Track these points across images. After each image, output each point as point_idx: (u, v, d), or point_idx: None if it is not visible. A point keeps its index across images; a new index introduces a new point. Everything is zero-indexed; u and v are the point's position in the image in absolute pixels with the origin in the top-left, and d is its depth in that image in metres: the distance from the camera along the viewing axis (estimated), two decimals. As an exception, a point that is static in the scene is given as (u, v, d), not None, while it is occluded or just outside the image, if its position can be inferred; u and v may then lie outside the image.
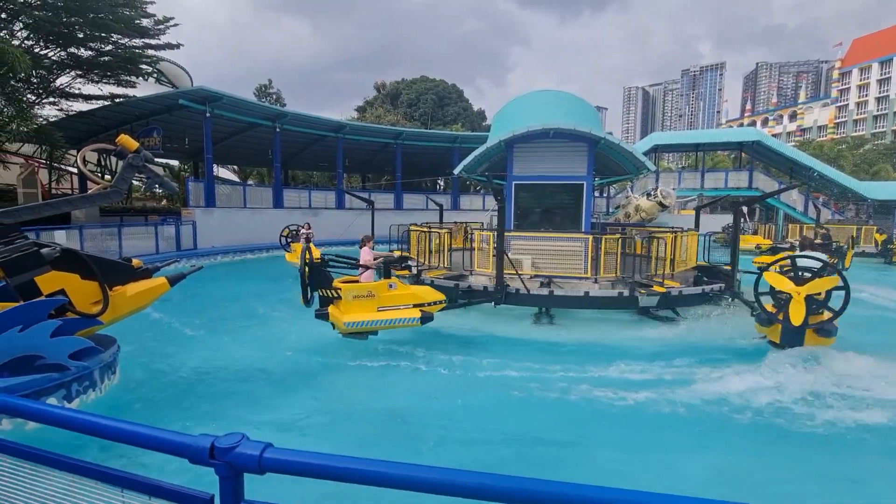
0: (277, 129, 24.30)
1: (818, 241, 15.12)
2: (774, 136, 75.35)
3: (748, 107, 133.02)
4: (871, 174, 44.43)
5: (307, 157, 33.08)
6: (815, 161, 30.45)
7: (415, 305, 7.75)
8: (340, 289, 7.38)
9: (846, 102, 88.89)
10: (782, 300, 7.11)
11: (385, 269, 8.32)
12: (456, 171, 13.13)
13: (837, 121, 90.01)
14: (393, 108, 51.84)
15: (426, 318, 7.77)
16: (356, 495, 2.89)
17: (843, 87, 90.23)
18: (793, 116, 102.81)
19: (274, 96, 46.82)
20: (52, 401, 5.11)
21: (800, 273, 7.02)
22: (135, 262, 6.60)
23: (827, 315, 7.06)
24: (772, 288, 7.25)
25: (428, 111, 51.56)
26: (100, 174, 27.54)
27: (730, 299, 10.39)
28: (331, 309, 7.56)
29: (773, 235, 28.32)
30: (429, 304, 7.92)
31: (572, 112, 12.50)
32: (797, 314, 6.85)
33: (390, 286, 7.73)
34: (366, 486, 1.11)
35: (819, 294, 6.92)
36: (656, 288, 9.65)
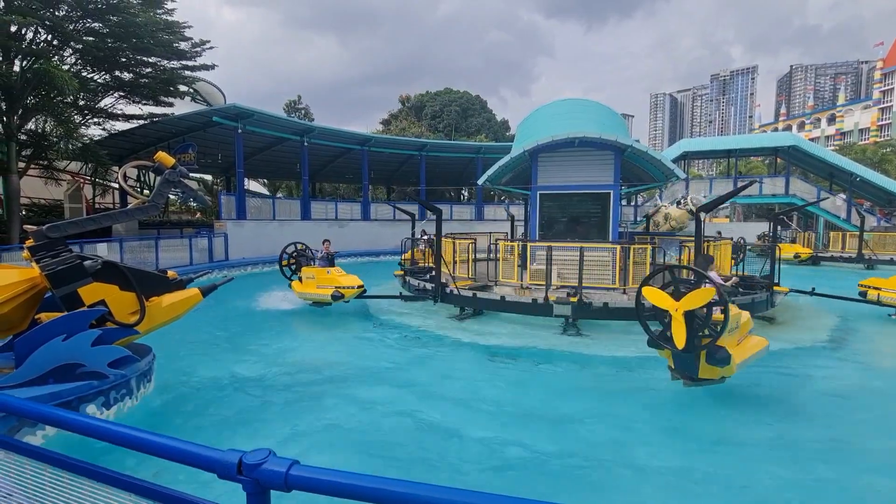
0: (305, 143, 24.94)
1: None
2: (811, 140, 72.43)
3: (783, 111, 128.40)
4: (920, 178, 42.05)
5: (334, 169, 33.78)
6: (857, 165, 29.07)
7: (749, 332, 6.59)
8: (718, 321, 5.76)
9: (890, 104, 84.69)
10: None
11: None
12: (480, 182, 13.13)
13: (880, 123, 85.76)
14: (417, 121, 52.47)
15: (768, 346, 6.47)
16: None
17: (886, 87, 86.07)
18: (831, 119, 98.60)
19: (303, 111, 48.14)
20: (91, 408, 5.30)
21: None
22: (170, 273, 6.84)
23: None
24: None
25: (452, 122, 51.95)
26: (139, 189, 28.82)
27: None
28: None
29: (813, 244, 27.05)
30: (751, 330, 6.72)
31: (598, 120, 12.37)
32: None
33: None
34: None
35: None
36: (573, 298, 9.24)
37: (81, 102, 19.69)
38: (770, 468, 4.55)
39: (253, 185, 40.34)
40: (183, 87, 22.53)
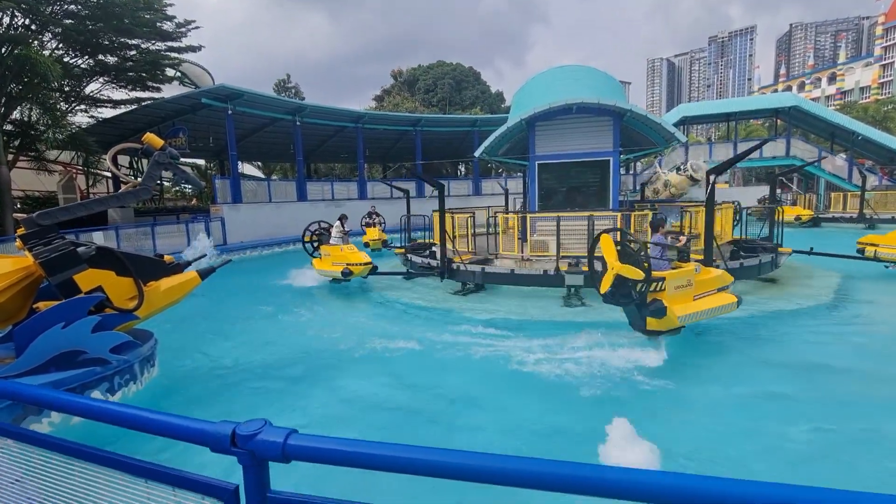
0: (298, 123, 24.49)
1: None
2: (812, 100, 71.24)
3: (783, 71, 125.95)
4: (922, 135, 41.51)
5: (328, 149, 33.30)
6: (859, 124, 28.62)
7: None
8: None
9: (891, 60, 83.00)
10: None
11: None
12: (477, 154, 12.91)
13: (882, 80, 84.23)
14: (411, 96, 51.50)
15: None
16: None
17: (888, 43, 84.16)
18: (832, 78, 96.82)
19: (293, 90, 47.21)
20: (95, 394, 5.30)
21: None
22: (166, 257, 6.76)
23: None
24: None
25: (446, 96, 51.00)
26: (133, 176, 28.49)
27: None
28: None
29: (814, 206, 26.89)
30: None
31: (595, 86, 12.07)
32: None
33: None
34: (394, 473, 1.03)
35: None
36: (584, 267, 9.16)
37: (67, 89, 19.23)
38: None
39: (247, 169, 39.86)
40: (170, 71, 21.98)
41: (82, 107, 21.26)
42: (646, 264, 6.24)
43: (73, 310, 5.30)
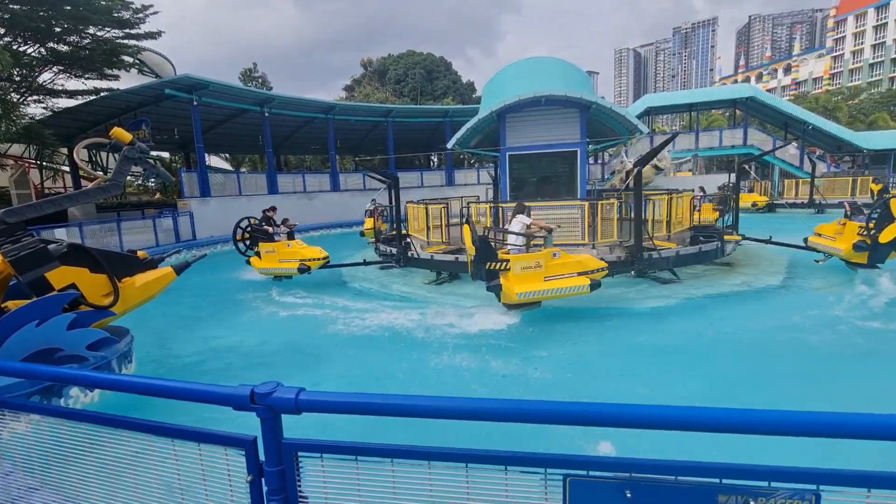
0: (266, 114, 24.03)
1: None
2: (769, 91, 74.18)
3: (742, 63, 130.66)
4: (868, 124, 44.05)
5: (298, 140, 32.78)
6: (810, 114, 30.23)
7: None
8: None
9: (842, 52, 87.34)
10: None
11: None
12: (449, 146, 13.10)
13: (833, 71, 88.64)
14: (381, 86, 51.01)
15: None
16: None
17: (839, 35, 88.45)
18: (787, 70, 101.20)
19: (260, 80, 45.97)
20: (74, 390, 5.31)
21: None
22: (140, 253, 6.73)
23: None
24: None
25: (417, 86, 50.74)
26: (94, 170, 27.33)
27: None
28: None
29: (769, 192, 28.35)
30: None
31: (563, 78, 12.41)
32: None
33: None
34: (389, 416, 1.28)
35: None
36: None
37: (17, 78, 18.28)
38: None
39: (214, 161, 38.77)
40: (128, 59, 21.11)
41: (35, 97, 20.23)
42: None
43: (47, 308, 5.27)
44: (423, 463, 1.29)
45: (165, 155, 35.12)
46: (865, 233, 9.26)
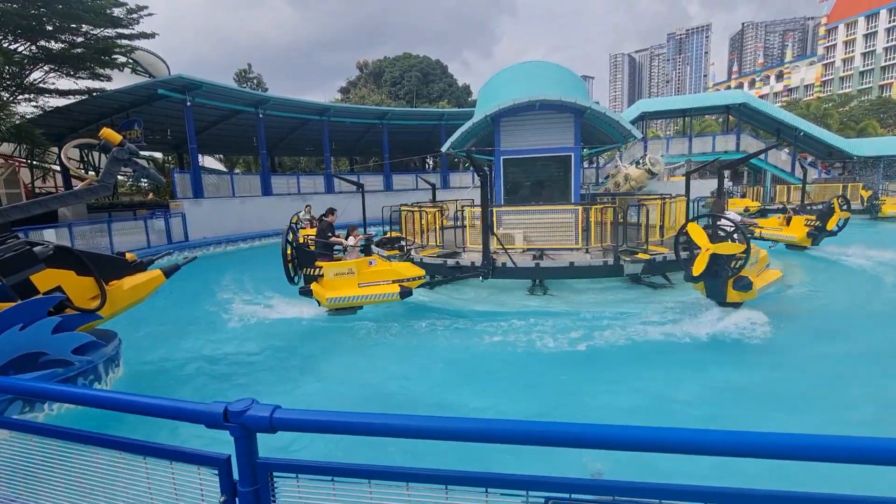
0: (261, 115, 23.92)
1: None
2: (761, 97, 75.02)
3: (735, 69, 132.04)
4: (858, 131, 44.59)
5: (293, 142, 32.66)
6: (801, 120, 30.52)
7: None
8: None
9: (833, 60, 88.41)
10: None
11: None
12: (443, 149, 13.09)
13: (824, 79, 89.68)
14: (377, 88, 50.98)
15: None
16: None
17: (830, 43, 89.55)
18: (780, 76, 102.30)
19: (255, 81, 45.81)
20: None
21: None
22: (128, 255, 6.64)
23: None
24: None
25: (413, 89, 50.75)
26: (83, 170, 27.08)
27: None
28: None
29: (762, 197, 28.58)
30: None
31: (557, 82, 12.44)
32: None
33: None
34: (366, 437, 1.24)
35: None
36: (640, 255, 9.81)
37: (7, 77, 18.07)
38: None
39: (208, 162, 38.55)
40: (120, 58, 20.94)
41: (26, 96, 20.01)
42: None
43: (31, 311, 5.18)
44: (402, 484, 1.26)
45: (158, 155, 34.88)
46: (815, 223, 13.41)
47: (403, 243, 12.58)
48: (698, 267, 7.36)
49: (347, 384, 6.00)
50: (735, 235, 7.23)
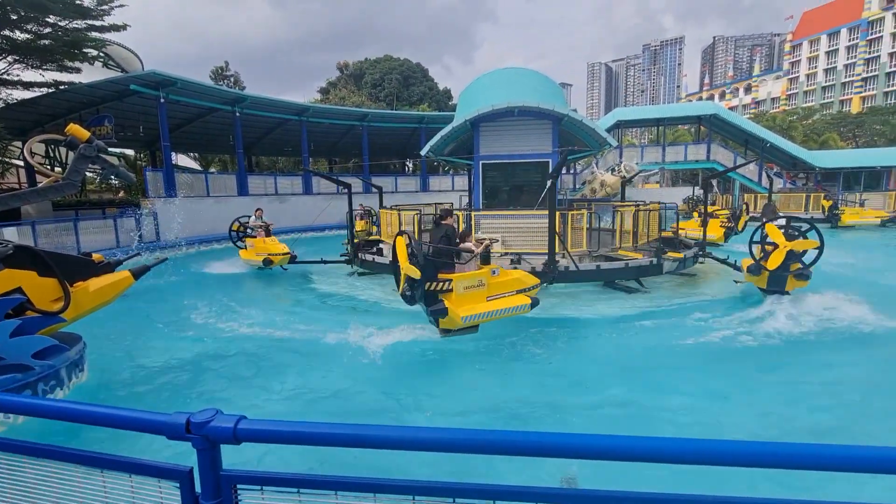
0: (237, 114, 23.47)
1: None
2: (731, 108, 77.68)
3: (707, 80, 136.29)
4: (820, 143, 46.57)
5: (270, 142, 32.13)
6: (768, 132, 31.72)
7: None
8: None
9: (797, 74, 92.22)
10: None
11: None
12: (423, 152, 13.10)
13: (789, 92, 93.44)
14: (357, 90, 50.65)
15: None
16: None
17: (795, 59, 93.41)
18: (748, 89, 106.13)
19: (232, 79, 44.91)
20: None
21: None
22: (95, 256, 6.41)
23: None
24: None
25: (393, 91, 50.64)
26: (49, 166, 26.02)
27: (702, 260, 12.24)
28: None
29: (731, 205, 29.53)
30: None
31: (536, 89, 12.60)
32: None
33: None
34: (333, 447, 1.22)
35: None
36: (672, 254, 10.94)
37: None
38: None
39: (182, 160, 37.57)
40: (91, 51, 20.26)
41: (-14, 88, 19.14)
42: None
43: (-13, 314, 4.95)
44: (370, 496, 1.24)
45: (130, 152, 33.78)
46: (728, 224, 16.45)
47: (381, 246, 12.54)
48: (774, 261, 8.52)
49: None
50: (808, 234, 8.44)
